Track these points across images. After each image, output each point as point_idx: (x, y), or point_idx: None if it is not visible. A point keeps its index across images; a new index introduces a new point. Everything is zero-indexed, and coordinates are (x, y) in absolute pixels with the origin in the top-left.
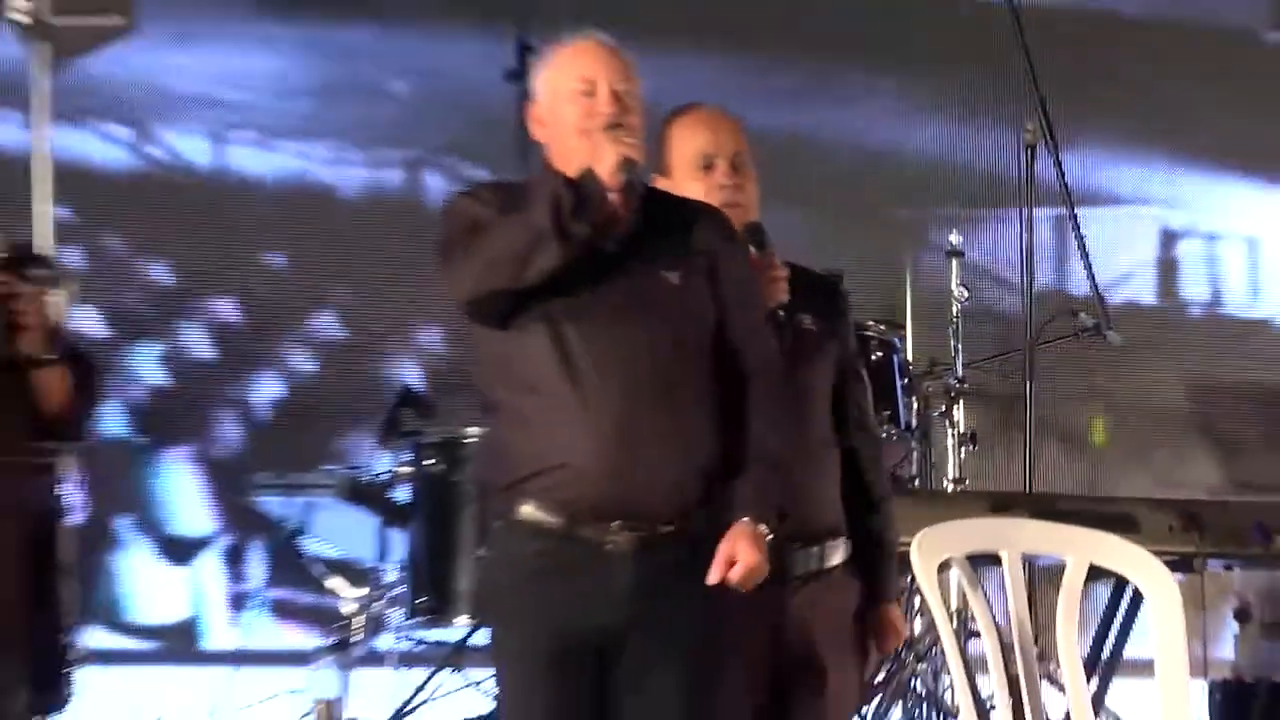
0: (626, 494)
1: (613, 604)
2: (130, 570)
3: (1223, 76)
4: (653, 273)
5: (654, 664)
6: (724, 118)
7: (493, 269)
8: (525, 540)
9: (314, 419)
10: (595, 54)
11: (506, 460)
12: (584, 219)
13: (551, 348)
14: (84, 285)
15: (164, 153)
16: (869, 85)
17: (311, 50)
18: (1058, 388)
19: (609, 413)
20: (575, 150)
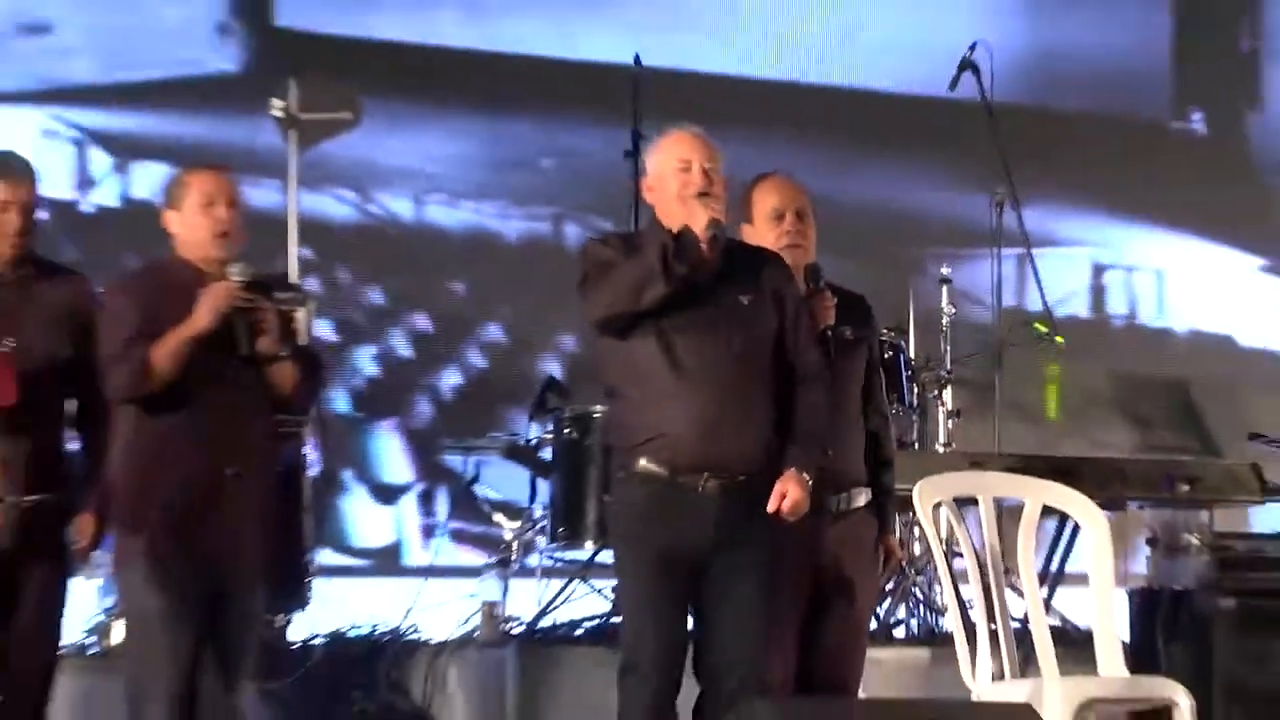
0: (712, 454)
1: (703, 531)
2: (351, 508)
3: (1138, 153)
4: (731, 297)
5: (733, 574)
6: (791, 182)
7: (618, 298)
8: (641, 486)
9: (484, 400)
10: (691, 141)
11: (626, 429)
12: (683, 263)
13: (660, 351)
14: (320, 304)
15: (378, 209)
16: (882, 161)
17: (485, 136)
18: (1018, 377)
19: (700, 397)
20: (675, 211)
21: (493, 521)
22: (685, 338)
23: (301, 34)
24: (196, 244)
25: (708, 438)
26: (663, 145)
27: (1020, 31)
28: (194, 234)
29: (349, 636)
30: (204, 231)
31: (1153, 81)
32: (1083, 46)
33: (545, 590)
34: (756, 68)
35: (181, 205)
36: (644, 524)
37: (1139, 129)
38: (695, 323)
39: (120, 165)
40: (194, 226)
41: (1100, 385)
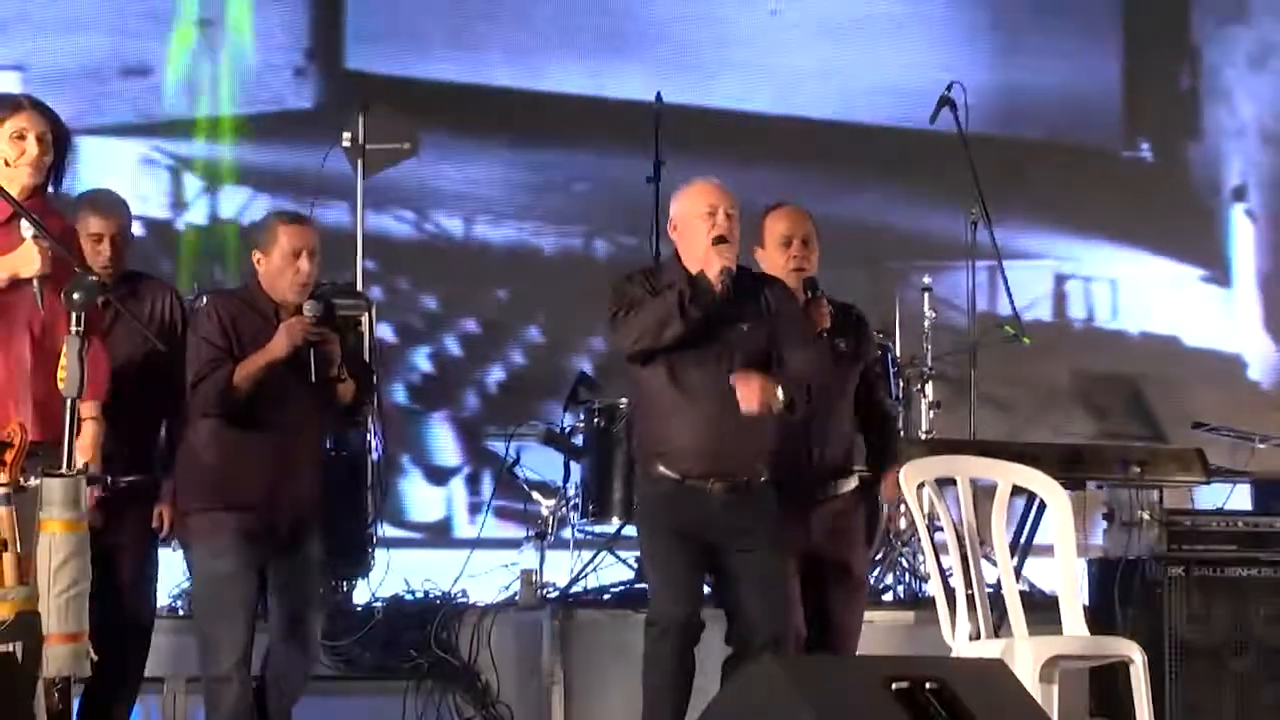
0: (717, 462)
1: (713, 523)
2: (408, 487)
3: (1094, 177)
4: (732, 323)
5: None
6: (800, 211)
7: (643, 335)
8: (658, 485)
9: (524, 393)
10: (715, 190)
11: (645, 439)
12: (698, 307)
13: (665, 376)
14: (382, 310)
15: (433, 227)
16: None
17: (526, 164)
18: (990, 373)
19: (700, 415)
20: (696, 254)
21: (531, 499)
22: (689, 367)
23: (368, 75)
24: (278, 288)
25: (709, 450)
26: (689, 193)
27: (991, 72)
28: (279, 280)
29: (405, 600)
30: (288, 280)
31: (1106, 116)
32: (1045, 85)
33: (577, 560)
34: (761, 104)
35: (270, 251)
36: (662, 510)
37: (1094, 157)
38: (698, 353)
39: (209, 189)
40: (279, 273)
41: (1062, 380)
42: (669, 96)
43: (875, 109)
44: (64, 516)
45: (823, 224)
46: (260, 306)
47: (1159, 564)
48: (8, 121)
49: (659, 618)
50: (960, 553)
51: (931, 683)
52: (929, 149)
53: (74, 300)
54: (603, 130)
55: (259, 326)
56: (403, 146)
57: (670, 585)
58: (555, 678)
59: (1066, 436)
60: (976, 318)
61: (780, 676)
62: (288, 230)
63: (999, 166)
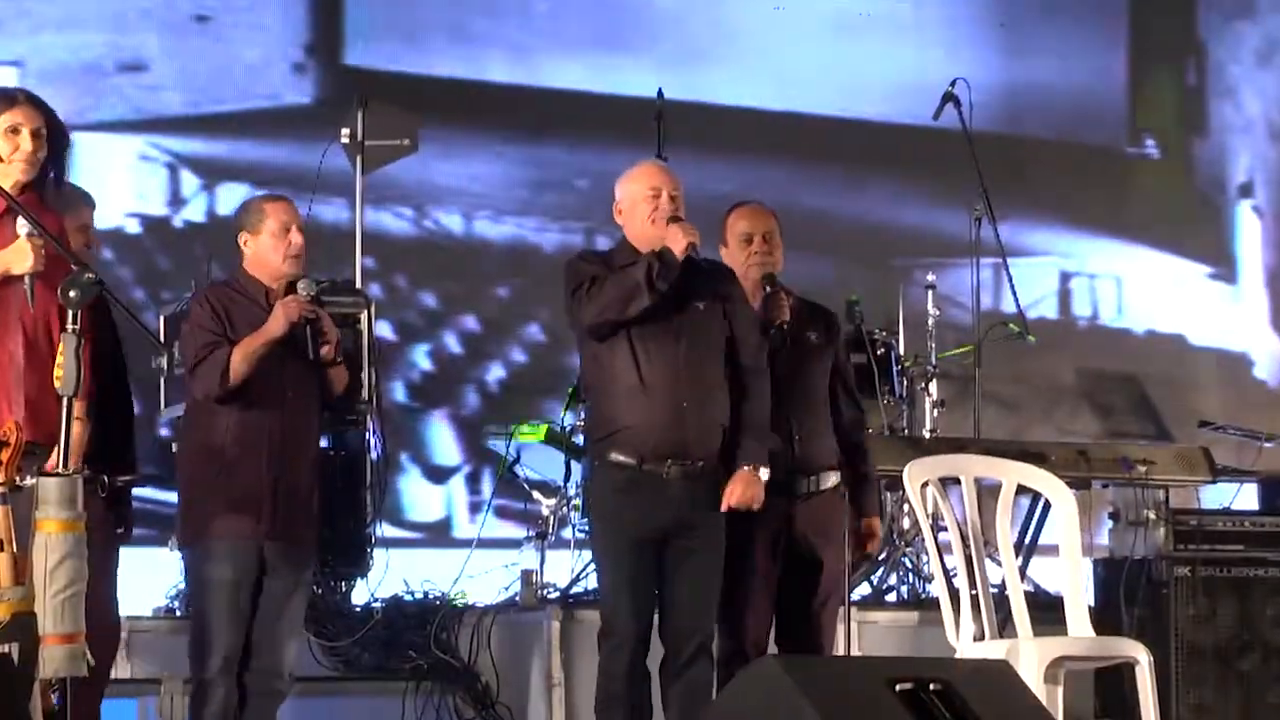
0: (675, 443)
1: (669, 510)
2: (407, 486)
3: (1098, 174)
4: (688, 305)
5: (691, 552)
6: (761, 209)
7: (608, 307)
8: (613, 472)
9: (524, 391)
10: (659, 172)
11: (600, 423)
12: (665, 280)
13: (628, 355)
14: (381, 307)
15: (432, 224)
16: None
17: (526, 160)
18: (995, 372)
19: (662, 394)
20: (646, 232)
21: (532, 499)
22: (649, 343)
23: (367, 71)
24: (271, 264)
25: (669, 430)
26: (633, 175)
27: (995, 69)
28: (270, 256)
29: (404, 601)
30: (280, 254)
31: (1111, 112)
32: (1050, 82)
33: (578, 560)
34: (764, 100)
35: (259, 230)
36: (617, 507)
37: (1099, 153)
38: (658, 330)
39: (207, 186)
40: (271, 249)
41: (1067, 379)
42: (671, 92)
43: (879, 105)
44: (60, 516)
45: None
46: (250, 293)
47: (1165, 564)
48: (2, 116)
49: (616, 631)
50: (964, 553)
51: (935, 684)
52: (933, 146)
53: (70, 298)
54: (604, 126)
55: (251, 313)
56: (402, 143)
57: (629, 595)
58: (556, 679)
59: (1071, 435)
60: (980, 315)
61: (782, 677)
62: (274, 206)
63: (1003, 163)
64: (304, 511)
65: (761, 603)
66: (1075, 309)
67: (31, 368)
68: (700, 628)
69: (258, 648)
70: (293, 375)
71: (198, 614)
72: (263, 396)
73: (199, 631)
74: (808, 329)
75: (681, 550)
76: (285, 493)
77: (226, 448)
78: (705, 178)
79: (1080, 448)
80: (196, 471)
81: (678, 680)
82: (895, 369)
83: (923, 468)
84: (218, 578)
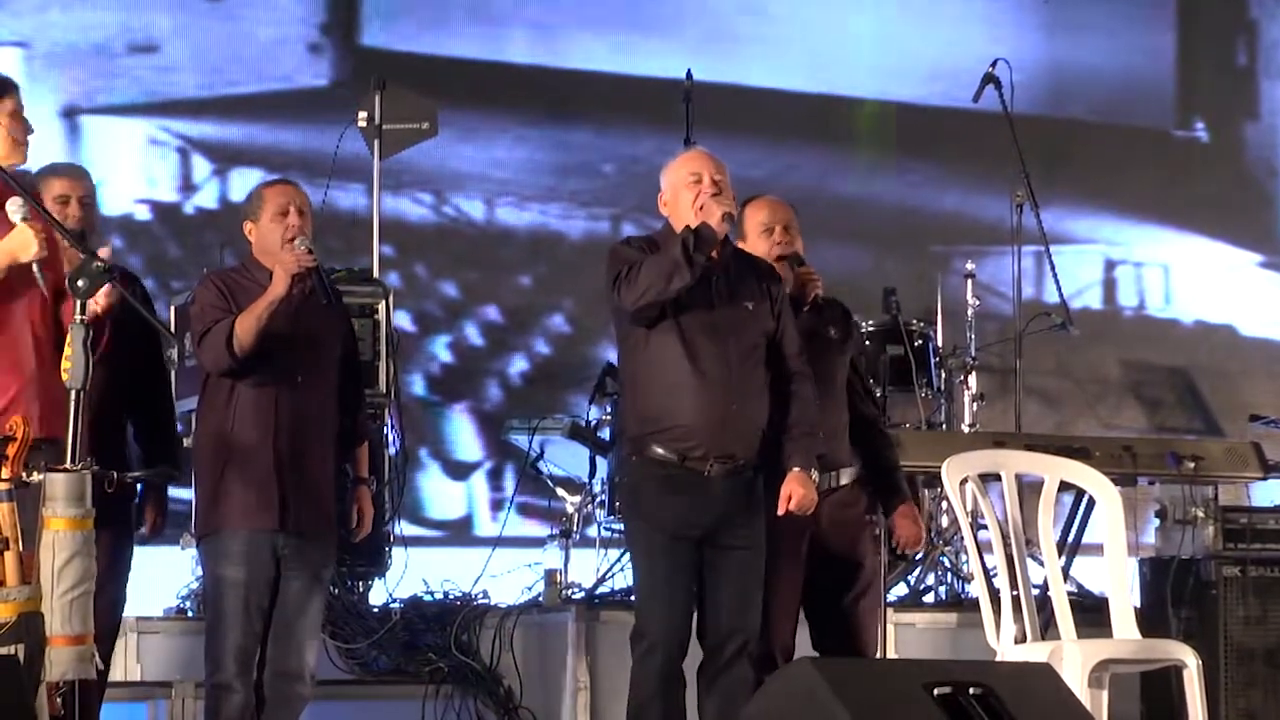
0: (720, 442)
1: (709, 510)
2: (427, 483)
3: (1145, 158)
4: (738, 303)
5: (733, 551)
6: (777, 200)
7: (650, 286)
8: (653, 469)
9: (548, 384)
10: (701, 157)
11: (642, 417)
12: (702, 253)
13: (680, 349)
14: (400, 297)
15: (453, 211)
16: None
17: (550, 144)
18: (1036, 364)
19: (713, 391)
20: (688, 220)
21: (555, 496)
22: (700, 339)
23: (385, 52)
24: (272, 248)
25: (716, 428)
26: (675, 164)
27: (1037, 49)
28: (270, 238)
29: (424, 601)
30: (279, 235)
31: (1158, 94)
32: (1094, 63)
33: (603, 559)
34: (797, 82)
35: (259, 215)
36: (655, 504)
37: (1146, 137)
38: (709, 324)
39: (220, 171)
40: (270, 231)
41: (1112, 371)
42: (700, 74)
43: (916, 86)
44: (68, 513)
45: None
46: (257, 278)
47: (1213, 564)
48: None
49: (650, 632)
50: (1005, 552)
51: (975, 687)
52: (973, 129)
53: (79, 288)
54: (631, 109)
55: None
56: (421, 126)
57: (666, 598)
58: (581, 682)
59: (1116, 430)
60: (1021, 305)
61: (817, 680)
62: (272, 190)
63: (1046, 147)
64: (321, 505)
65: (789, 605)
66: (1121, 298)
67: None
68: (743, 629)
69: (276, 649)
70: (305, 361)
71: (213, 614)
72: (272, 381)
73: (214, 633)
74: (827, 323)
75: (723, 550)
76: (298, 483)
77: (235, 434)
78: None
79: (1125, 443)
80: (208, 463)
81: (716, 683)
82: (933, 361)
83: (962, 464)
84: (231, 575)
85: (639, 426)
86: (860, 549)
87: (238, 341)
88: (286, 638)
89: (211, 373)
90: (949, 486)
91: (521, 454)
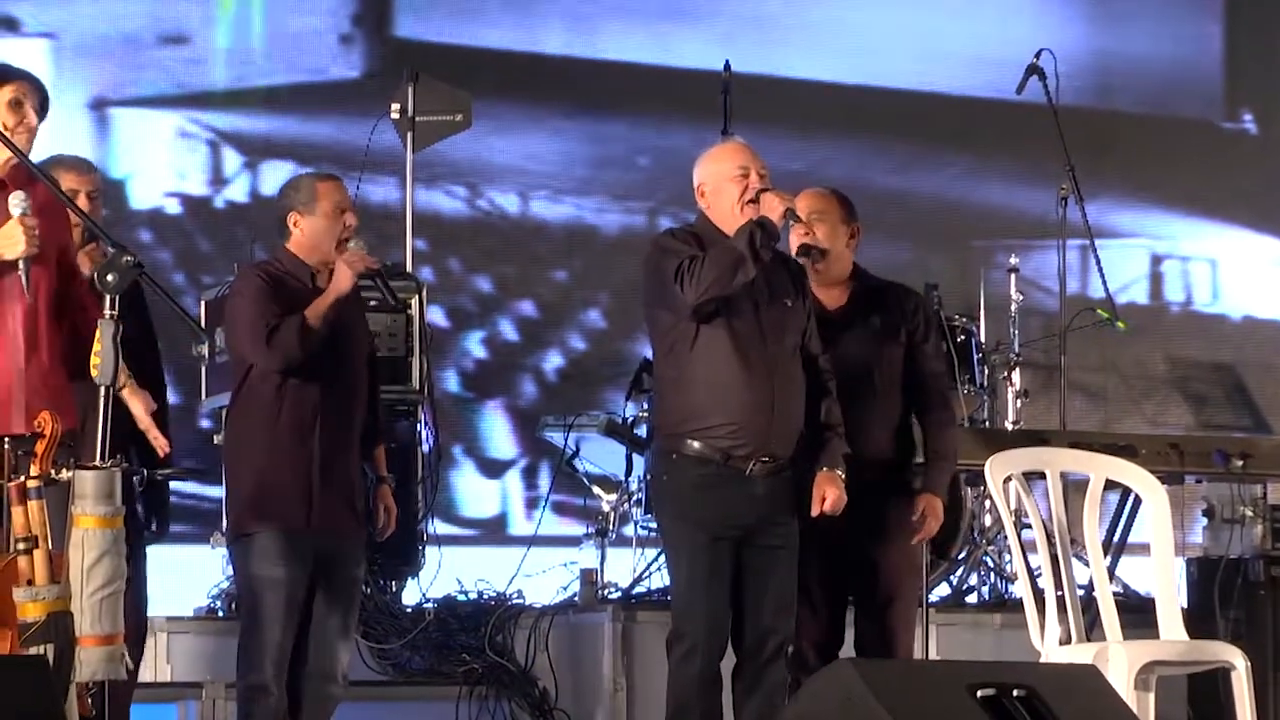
0: (765, 441)
1: (751, 509)
2: (460, 481)
3: (1192, 150)
4: (779, 300)
5: (770, 551)
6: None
7: (716, 281)
8: (694, 467)
9: (584, 380)
10: (744, 150)
11: (684, 414)
12: (767, 248)
13: (731, 345)
14: (433, 292)
15: (487, 204)
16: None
17: (586, 136)
18: (1081, 360)
19: (763, 389)
20: (733, 214)
21: (591, 494)
22: (750, 335)
23: (418, 43)
24: (323, 247)
25: (761, 426)
26: (717, 155)
27: (1082, 39)
28: (324, 237)
29: (458, 601)
30: (334, 237)
31: (1206, 85)
32: (1140, 53)
33: (640, 559)
34: (836, 73)
35: (312, 210)
36: (696, 502)
37: (1193, 128)
38: (756, 322)
39: (250, 164)
40: (325, 230)
41: (1158, 367)
42: (738, 65)
43: (958, 77)
44: (97, 511)
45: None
46: (295, 271)
47: (1263, 563)
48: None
49: (691, 634)
50: (1050, 551)
51: (1019, 689)
52: (1016, 120)
53: (108, 283)
54: (667, 100)
55: (297, 291)
56: (455, 118)
57: (705, 596)
58: (617, 684)
59: (1163, 427)
60: (1066, 300)
61: (857, 682)
62: (327, 186)
63: (1091, 139)
64: (353, 504)
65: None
66: (1167, 293)
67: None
68: (782, 628)
69: (311, 650)
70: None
71: (248, 614)
72: (316, 379)
73: (250, 633)
74: (874, 313)
75: (764, 549)
76: (334, 482)
77: (280, 433)
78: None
79: (1172, 440)
80: (245, 461)
81: (756, 683)
82: (976, 357)
83: (1005, 462)
84: (268, 575)
85: (678, 424)
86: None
87: (310, 338)
88: (320, 638)
89: (272, 369)
90: (992, 485)
91: (557, 451)
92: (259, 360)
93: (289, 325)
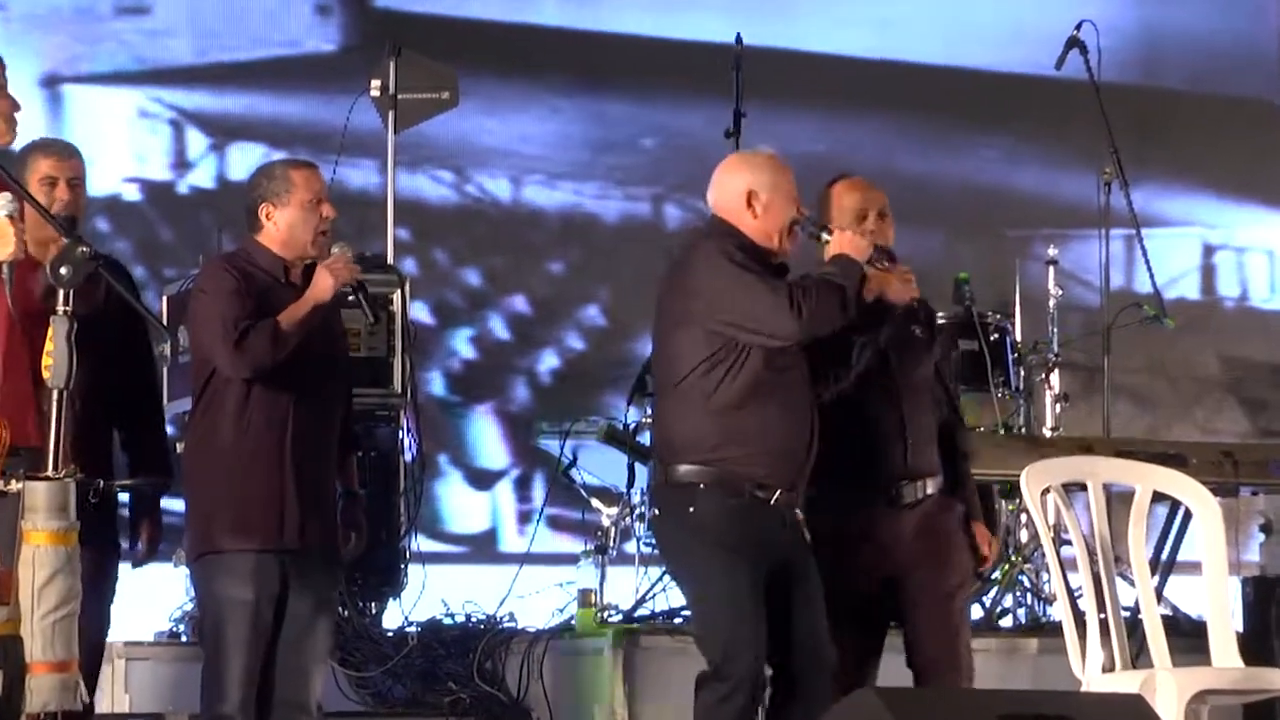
0: (790, 475)
1: (784, 538)
2: (446, 493)
3: (1246, 132)
4: None
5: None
6: (869, 183)
7: (826, 320)
8: (727, 496)
9: (581, 383)
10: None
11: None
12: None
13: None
14: (417, 286)
15: (476, 190)
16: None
17: (584, 115)
18: (1126, 361)
19: (796, 420)
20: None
21: (590, 507)
22: (790, 364)
23: (400, 14)
24: (299, 240)
25: (800, 454)
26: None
27: (1126, 10)
28: (300, 229)
29: (443, 624)
30: (311, 228)
31: (1260, 60)
32: (1189, 26)
33: (643, 578)
34: (858, 47)
35: (287, 200)
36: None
37: (1247, 107)
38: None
39: (217, 146)
40: (301, 221)
41: (1210, 369)
42: (751, 37)
43: (991, 51)
44: (50, 526)
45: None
46: (266, 265)
47: None
48: None
49: (733, 673)
50: (1091, 570)
51: None
52: (1055, 99)
53: (61, 276)
54: (674, 77)
55: (269, 286)
56: (440, 96)
57: (751, 632)
58: (619, 715)
59: (1216, 434)
60: (1110, 295)
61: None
62: (303, 175)
63: (1137, 119)
64: (329, 521)
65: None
66: (1221, 287)
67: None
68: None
69: (281, 678)
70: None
71: (213, 639)
72: (289, 387)
73: (213, 659)
74: (911, 324)
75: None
76: (308, 497)
77: (247, 443)
78: (790, 136)
79: (1226, 448)
80: (208, 473)
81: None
82: (1010, 357)
83: (1043, 472)
84: (235, 596)
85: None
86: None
87: (282, 346)
88: (291, 665)
89: (241, 375)
90: (1029, 497)
91: (552, 460)
92: (225, 365)
93: (261, 331)
